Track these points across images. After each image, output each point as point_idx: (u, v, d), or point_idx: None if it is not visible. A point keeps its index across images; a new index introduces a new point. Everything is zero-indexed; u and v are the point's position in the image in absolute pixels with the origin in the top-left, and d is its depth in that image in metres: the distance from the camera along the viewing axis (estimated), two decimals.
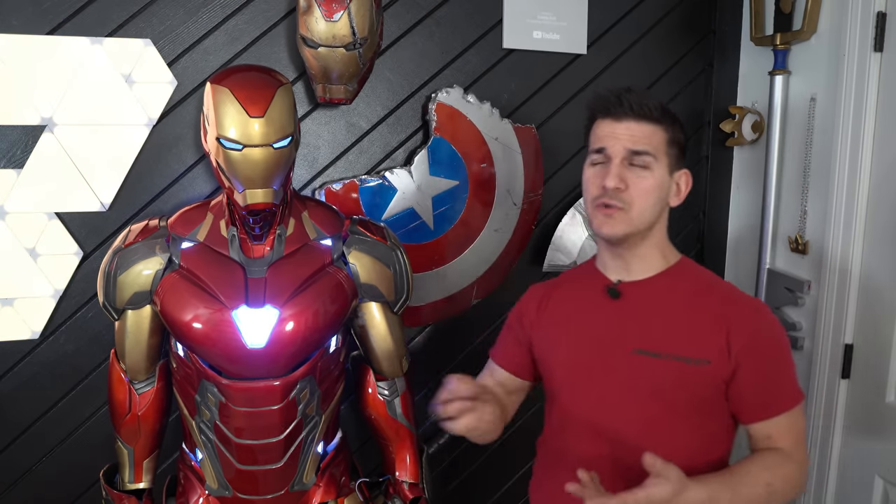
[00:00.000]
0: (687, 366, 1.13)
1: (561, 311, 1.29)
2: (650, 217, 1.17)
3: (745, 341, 1.12)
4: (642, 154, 1.15)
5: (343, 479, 1.53)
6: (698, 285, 1.21)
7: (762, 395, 1.14)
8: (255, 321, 1.31)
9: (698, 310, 1.17)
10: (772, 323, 1.17)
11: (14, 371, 1.66)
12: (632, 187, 1.14)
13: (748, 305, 1.18)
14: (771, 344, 1.15)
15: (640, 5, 1.96)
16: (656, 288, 1.20)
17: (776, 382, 1.15)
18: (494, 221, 1.89)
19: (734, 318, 1.14)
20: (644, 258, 1.21)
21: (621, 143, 1.15)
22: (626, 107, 1.16)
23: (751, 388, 1.14)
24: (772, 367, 1.15)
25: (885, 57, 1.58)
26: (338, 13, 1.49)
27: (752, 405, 1.15)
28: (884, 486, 1.62)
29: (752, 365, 1.12)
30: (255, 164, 1.22)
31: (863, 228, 1.64)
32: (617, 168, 1.14)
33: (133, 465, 1.47)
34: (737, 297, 1.19)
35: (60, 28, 1.57)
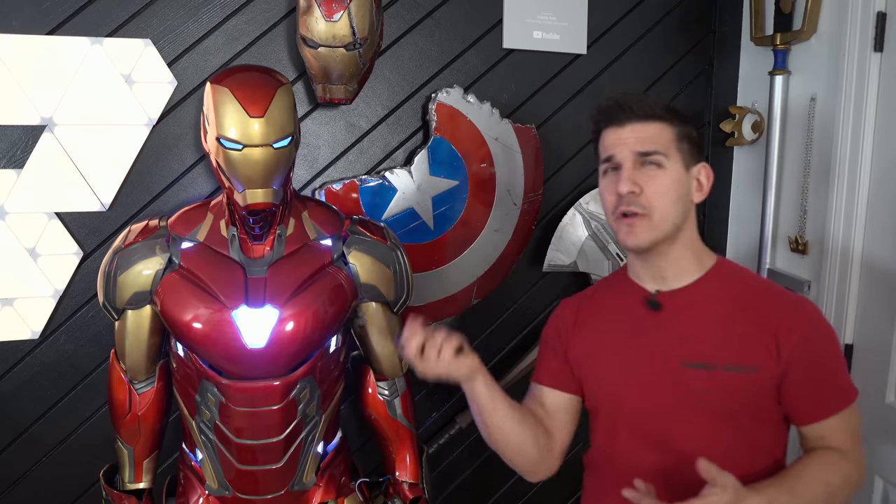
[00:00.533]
0: (737, 374, 1.10)
1: (599, 325, 1.24)
2: (674, 217, 1.12)
3: (795, 343, 1.09)
4: (651, 154, 1.12)
5: (343, 479, 1.53)
6: (740, 288, 1.17)
7: (815, 396, 1.11)
8: (255, 321, 1.31)
9: (742, 314, 1.13)
10: (820, 320, 1.14)
11: (14, 371, 1.66)
12: (647, 188, 1.11)
13: (794, 304, 1.14)
14: (821, 343, 1.12)
15: (640, 5, 1.96)
16: (697, 296, 1.16)
17: (828, 382, 1.12)
18: (494, 221, 1.89)
19: (781, 320, 1.11)
20: (677, 263, 1.17)
21: (628, 148, 1.12)
22: (628, 110, 1.13)
23: (803, 390, 1.11)
24: (823, 366, 1.12)
25: (885, 57, 1.58)
26: (338, 13, 1.49)
27: (805, 407, 1.12)
28: (884, 486, 1.62)
29: (802, 366, 1.10)
30: (255, 164, 1.22)
31: (863, 228, 1.64)
32: (628, 172, 1.11)
33: (133, 465, 1.47)
34: (781, 297, 1.16)
35: (60, 28, 1.57)
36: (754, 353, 1.10)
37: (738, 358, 1.11)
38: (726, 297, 1.15)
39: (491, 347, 1.99)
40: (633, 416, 1.18)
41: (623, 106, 1.14)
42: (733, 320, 1.13)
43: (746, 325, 1.12)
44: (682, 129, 1.15)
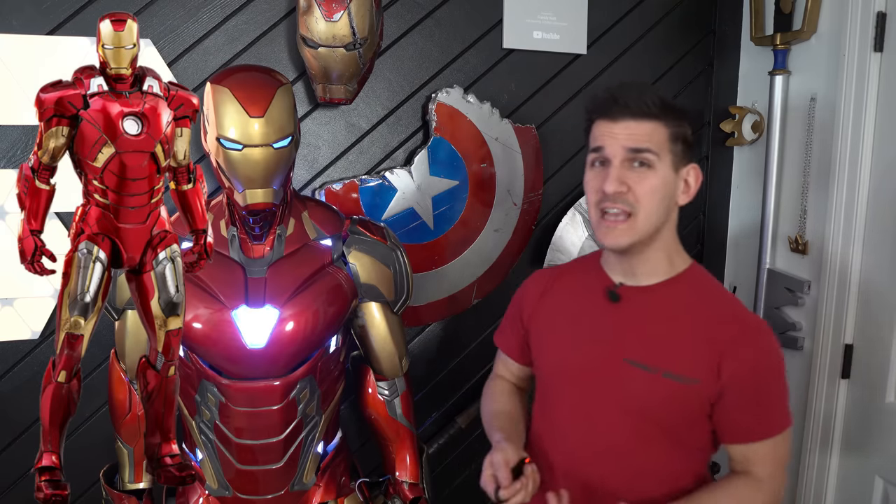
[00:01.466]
0: (676, 383, 1.09)
1: (559, 305, 1.26)
2: (656, 220, 1.11)
3: (737, 367, 1.08)
4: (643, 152, 1.09)
5: (343, 479, 1.53)
6: (701, 299, 1.16)
7: (745, 420, 1.11)
8: (255, 321, 1.31)
9: (696, 326, 1.12)
10: (769, 348, 1.12)
11: (14, 371, 1.66)
12: (634, 188, 1.08)
13: (748, 328, 1.13)
14: (763, 372, 1.11)
15: (640, 5, 1.96)
16: (658, 297, 1.16)
17: (762, 408, 1.12)
18: (494, 221, 1.89)
19: (730, 341, 1.09)
20: (649, 261, 1.16)
21: (619, 143, 1.09)
22: (623, 105, 1.10)
23: (735, 412, 1.10)
24: (760, 393, 1.11)
25: (885, 57, 1.58)
26: (338, 13, 1.49)
27: (733, 428, 1.12)
28: (884, 486, 1.62)
29: (739, 390, 1.09)
30: (255, 164, 1.22)
31: (863, 228, 1.64)
32: (616, 170, 1.09)
33: (133, 465, 1.47)
34: (738, 317, 1.14)
35: (60, 28, 1.57)
36: (696, 367, 1.09)
37: (680, 367, 1.10)
38: (686, 304, 1.14)
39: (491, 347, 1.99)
40: (568, 406, 1.19)
41: (619, 100, 1.11)
42: (686, 329, 1.12)
43: (697, 337, 1.11)
44: (677, 129, 1.12)
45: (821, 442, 1.76)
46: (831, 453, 1.74)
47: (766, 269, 1.92)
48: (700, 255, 2.14)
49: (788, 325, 1.85)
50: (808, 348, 1.81)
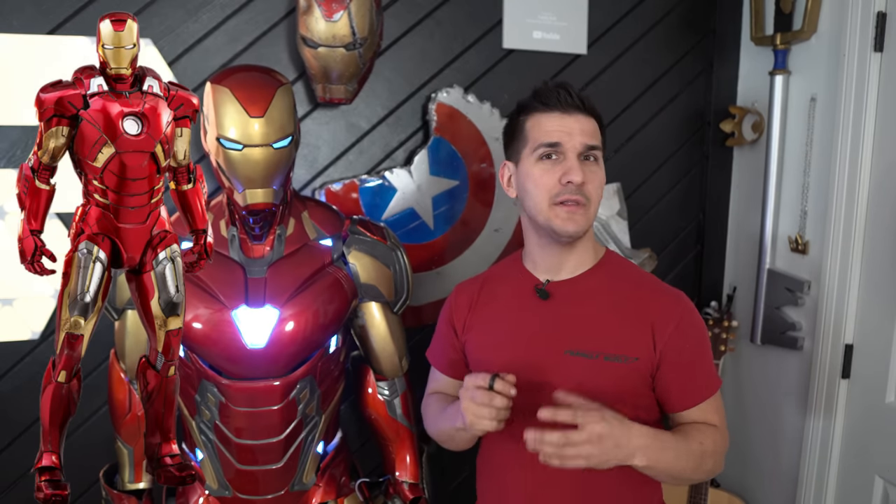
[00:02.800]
0: (617, 364, 1.15)
1: (491, 313, 1.28)
2: (597, 211, 1.20)
3: (669, 334, 1.15)
4: (595, 148, 1.16)
5: (343, 479, 1.53)
6: (624, 280, 1.23)
7: (687, 385, 1.17)
8: (255, 321, 1.31)
9: (625, 306, 1.18)
10: (692, 313, 1.20)
11: (14, 371, 1.66)
12: (588, 182, 1.15)
13: (670, 297, 1.20)
14: (692, 334, 1.18)
15: (640, 5, 1.96)
16: (584, 287, 1.21)
17: (697, 372, 1.19)
18: (494, 221, 1.89)
19: (658, 312, 1.16)
20: (580, 253, 1.21)
21: (576, 139, 1.14)
22: (577, 100, 1.16)
23: (675, 380, 1.17)
24: (694, 356, 1.18)
25: (885, 57, 1.58)
26: (338, 13, 1.49)
27: (678, 396, 1.18)
28: (884, 486, 1.62)
29: (675, 357, 1.15)
30: (255, 164, 1.22)
31: (863, 228, 1.64)
32: (578, 163, 1.14)
33: (133, 465, 1.47)
34: (660, 290, 1.22)
35: (60, 28, 1.57)
36: (634, 344, 1.15)
37: (618, 348, 1.15)
38: (610, 289, 1.21)
39: None
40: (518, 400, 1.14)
41: (572, 93, 1.16)
42: (616, 312, 1.18)
43: (627, 316, 1.17)
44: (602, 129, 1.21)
45: (821, 442, 1.76)
46: (831, 453, 1.74)
47: (766, 269, 1.92)
48: (700, 255, 2.14)
49: (788, 325, 1.85)
50: (808, 348, 1.81)
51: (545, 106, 1.17)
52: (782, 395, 1.91)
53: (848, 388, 1.71)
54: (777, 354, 1.91)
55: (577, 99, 1.16)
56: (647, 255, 1.92)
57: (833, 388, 1.72)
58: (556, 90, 1.17)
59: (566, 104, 1.16)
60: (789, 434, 1.87)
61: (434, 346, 1.40)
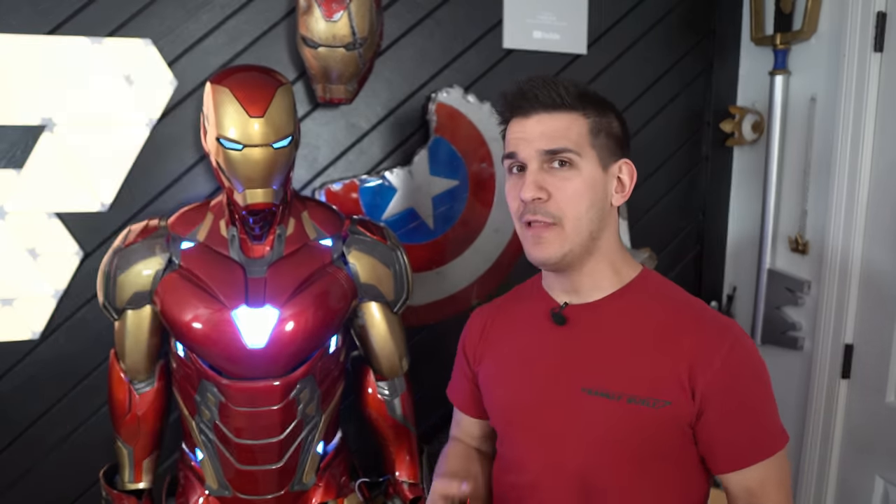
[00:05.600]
0: (643, 408, 0.94)
1: (503, 341, 1.11)
2: (588, 225, 0.97)
3: (712, 377, 0.93)
4: (560, 152, 0.95)
5: (343, 479, 1.53)
6: (658, 306, 1.01)
7: (736, 440, 0.95)
8: (255, 321, 1.31)
9: (657, 338, 0.97)
10: (744, 347, 0.96)
11: (14, 371, 1.66)
12: (556, 194, 0.95)
13: (715, 328, 0.98)
14: (743, 373, 0.95)
15: (640, 5, 1.96)
16: (609, 312, 1.01)
17: (754, 423, 0.96)
18: (494, 221, 1.89)
19: (699, 347, 0.95)
20: (593, 274, 1.02)
21: (532, 145, 0.96)
22: (532, 98, 0.96)
23: (721, 431, 0.95)
24: (746, 401, 0.95)
25: (885, 57, 1.58)
26: (338, 13, 1.49)
27: (724, 452, 0.96)
28: (884, 486, 1.62)
29: (720, 404, 0.94)
30: (255, 164, 1.22)
31: (863, 228, 1.64)
32: (533, 175, 0.95)
33: (133, 465, 1.47)
34: (703, 319, 0.99)
35: (60, 28, 1.57)
36: (665, 385, 0.94)
37: (645, 389, 0.95)
38: (641, 316, 1.00)
39: None
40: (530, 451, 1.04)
41: (527, 94, 0.97)
42: (646, 344, 0.97)
43: (660, 351, 0.96)
44: (599, 119, 0.98)
45: (821, 442, 1.76)
46: (831, 453, 1.74)
47: (767, 269, 1.92)
48: (699, 255, 2.14)
49: (788, 325, 1.85)
50: (808, 348, 1.81)
51: (508, 112, 1.01)
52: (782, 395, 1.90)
53: (848, 388, 1.71)
54: (777, 354, 1.91)
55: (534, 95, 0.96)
56: (647, 255, 1.92)
57: (833, 388, 1.72)
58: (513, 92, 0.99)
59: (523, 106, 0.98)
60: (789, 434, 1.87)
61: (453, 382, 1.26)
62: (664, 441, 0.96)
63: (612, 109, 1.02)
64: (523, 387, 1.05)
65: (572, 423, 0.99)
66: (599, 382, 0.98)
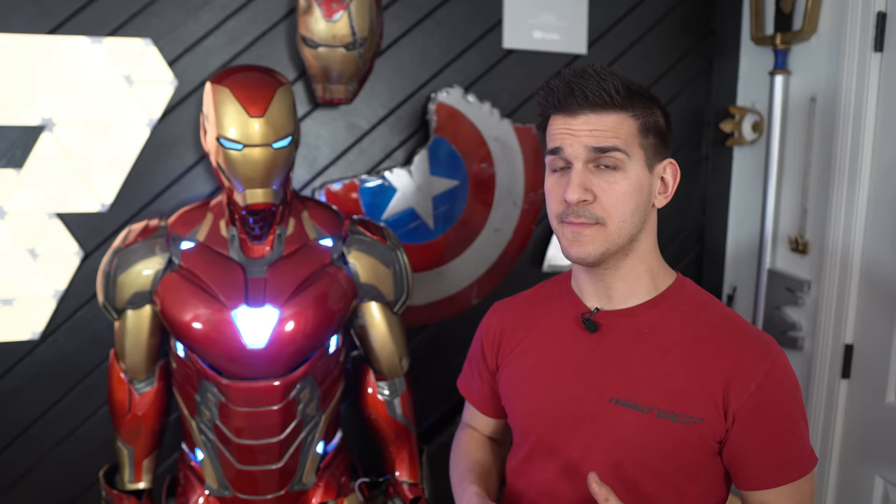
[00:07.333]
0: (674, 424, 0.92)
1: (527, 346, 1.07)
2: (631, 228, 0.94)
3: (748, 398, 0.91)
4: (610, 151, 0.91)
5: (343, 479, 1.53)
6: (697, 318, 0.98)
7: (764, 461, 0.94)
8: (255, 321, 1.31)
9: (692, 351, 0.95)
10: (783, 373, 0.94)
11: (14, 371, 1.66)
12: (602, 196, 0.92)
13: (756, 346, 0.95)
14: (780, 398, 0.93)
15: (640, 5, 1.96)
16: (643, 321, 0.98)
17: (782, 446, 0.94)
18: (494, 221, 1.89)
19: (737, 365, 0.92)
20: (628, 278, 0.99)
21: (580, 141, 0.91)
22: (581, 96, 0.91)
23: (749, 452, 0.94)
24: (778, 427, 0.93)
25: (885, 57, 1.58)
26: (338, 13, 1.49)
27: (749, 472, 0.95)
28: (884, 486, 1.62)
29: (752, 426, 0.92)
30: (255, 164, 1.22)
31: (863, 228, 1.64)
32: (579, 176, 0.91)
33: (133, 465, 1.47)
34: (743, 335, 0.96)
35: (60, 28, 1.57)
36: (698, 402, 0.92)
37: (677, 404, 0.93)
38: (677, 327, 0.97)
39: None
40: (550, 459, 1.02)
41: (575, 91, 0.92)
42: (680, 357, 0.95)
43: (695, 366, 0.94)
44: (647, 118, 0.94)
45: (821, 442, 1.76)
46: (831, 453, 1.74)
47: (767, 269, 1.92)
48: (700, 255, 2.15)
49: (788, 325, 1.85)
50: (808, 348, 1.81)
51: (552, 108, 0.96)
52: None
53: (848, 388, 1.71)
54: None
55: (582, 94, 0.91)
56: None
57: (833, 388, 1.72)
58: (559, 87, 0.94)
59: (569, 103, 0.93)
60: None
61: (465, 374, 1.23)
62: (690, 457, 0.95)
63: (657, 103, 0.97)
64: (551, 396, 1.01)
65: (598, 433, 0.97)
66: (629, 393, 0.95)
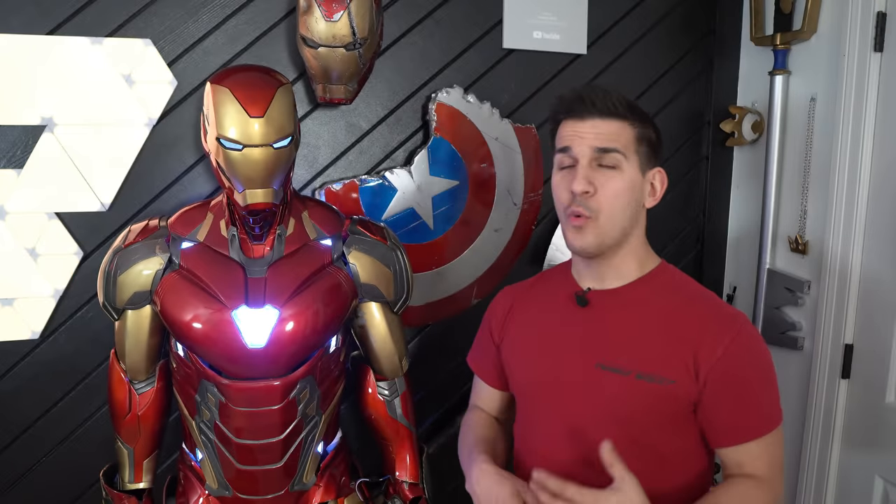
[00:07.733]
0: (651, 385, 1.06)
1: (527, 318, 1.24)
2: (622, 222, 1.10)
3: (716, 361, 1.05)
4: (611, 152, 1.08)
5: (343, 479, 1.53)
6: (675, 295, 1.14)
7: (732, 419, 1.07)
8: (255, 321, 1.31)
9: (669, 323, 1.10)
10: (749, 340, 1.09)
11: (14, 371, 1.66)
12: (600, 190, 1.07)
13: (724, 318, 1.10)
14: (745, 364, 1.07)
15: (640, 5, 1.96)
16: (627, 297, 1.14)
17: (749, 405, 1.07)
18: (494, 221, 1.89)
19: (706, 334, 1.07)
20: (618, 268, 1.15)
21: (587, 142, 1.08)
22: (590, 104, 1.09)
23: (719, 411, 1.07)
24: (743, 388, 1.07)
25: (885, 57, 1.58)
26: (338, 13, 1.49)
27: (720, 429, 1.08)
28: (884, 486, 1.62)
29: (720, 387, 1.05)
30: (255, 164, 1.22)
31: (863, 228, 1.64)
32: (584, 170, 1.08)
33: (133, 465, 1.47)
34: (713, 309, 1.12)
35: (60, 28, 1.57)
36: (672, 365, 1.06)
37: (654, 367, 1.07)
38: (656, 302, 1.12)
39: None
40: (548, 410, 1.16)
41: (585, 99, 1.10)
42: (657, 327, 1.09)
43: (669, 334, 1.08)
44: (642, 130, 1.12)
45: (821, 442, 1.76)
46: (831, 453, 1.74)
47: (766, 269, 1.92)
48: (700, 255, 2.14)
49: (788, 325, 1.85)
50: (808, 348, 1.81)
51: (563, 113, 1.13)
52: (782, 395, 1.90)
53: (848, 388, 1.71)
54: (777, 354, 1.88)
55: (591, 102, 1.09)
56: None
57: (833, 388, 1.72)
58: (572, 96, 1.12)
59: (580, 109, 1.10)
60: (789, 434, 1.87)
61: (474, 350, 1.38)
62: (668, 414, 1.08)
63: (651, 122, 1.14)
64: (544, 361, 1.16)
65: (587, 394, 1.10)
66: (613, 359, 1.10)
